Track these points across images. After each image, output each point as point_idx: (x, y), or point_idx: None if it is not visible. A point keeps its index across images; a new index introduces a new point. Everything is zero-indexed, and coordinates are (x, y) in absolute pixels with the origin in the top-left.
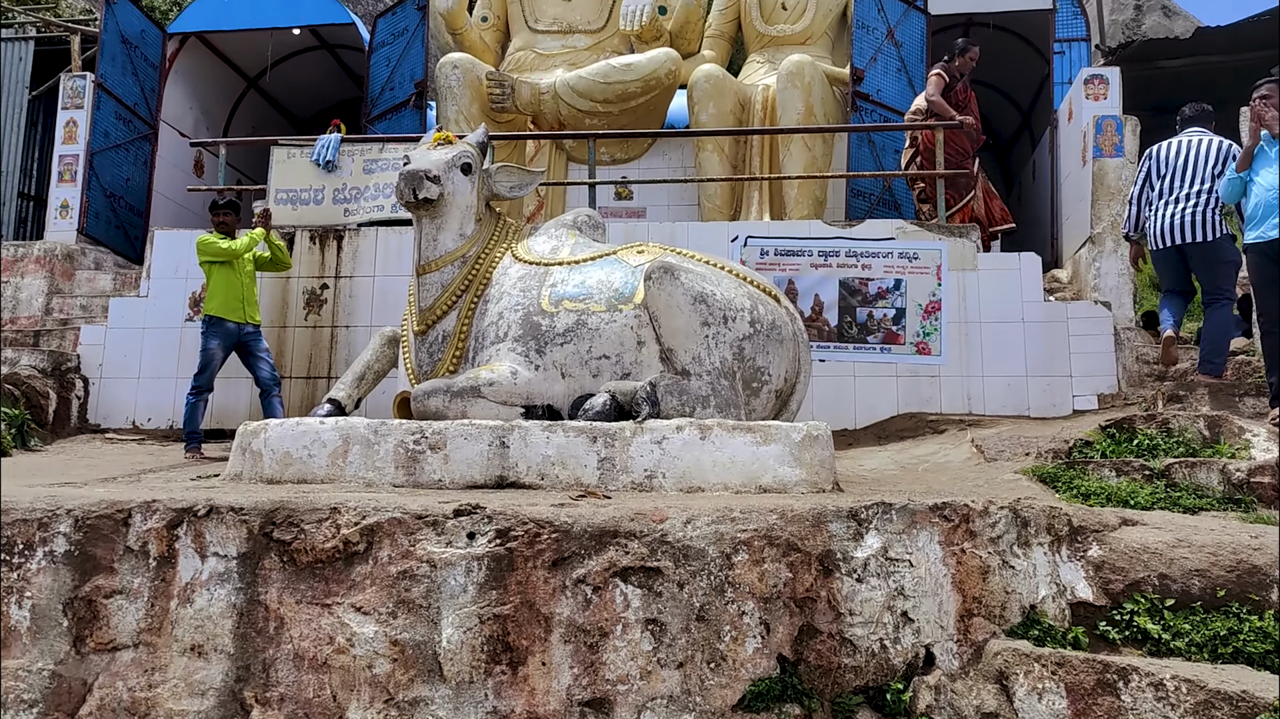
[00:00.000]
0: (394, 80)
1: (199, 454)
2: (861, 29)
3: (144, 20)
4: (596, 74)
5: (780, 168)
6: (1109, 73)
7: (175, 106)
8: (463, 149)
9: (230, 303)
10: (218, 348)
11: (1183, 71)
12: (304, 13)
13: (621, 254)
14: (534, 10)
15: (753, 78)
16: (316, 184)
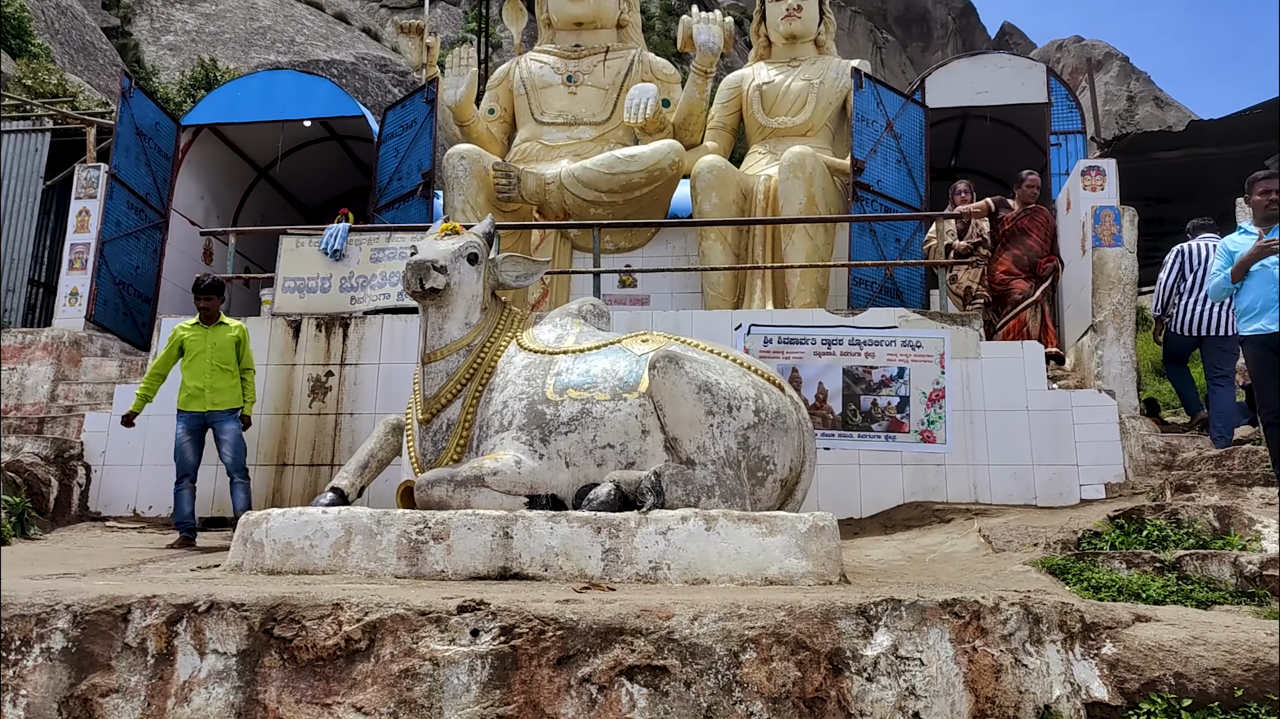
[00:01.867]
0: (402, 170)
1: (189, 544)
2: (861, 122)
3: (159, 113)
4: (601, 165)
5: (783, 256)
6: (1105, 164)
7: (186, 195)
8: (469, 239)
9: (190, 394)
10: (183, 435)
11: (1178, 163)
12: (315, 105)
13: (626, 343)
14: (540, 103)
15: (755, 168)
16: (324, 272)
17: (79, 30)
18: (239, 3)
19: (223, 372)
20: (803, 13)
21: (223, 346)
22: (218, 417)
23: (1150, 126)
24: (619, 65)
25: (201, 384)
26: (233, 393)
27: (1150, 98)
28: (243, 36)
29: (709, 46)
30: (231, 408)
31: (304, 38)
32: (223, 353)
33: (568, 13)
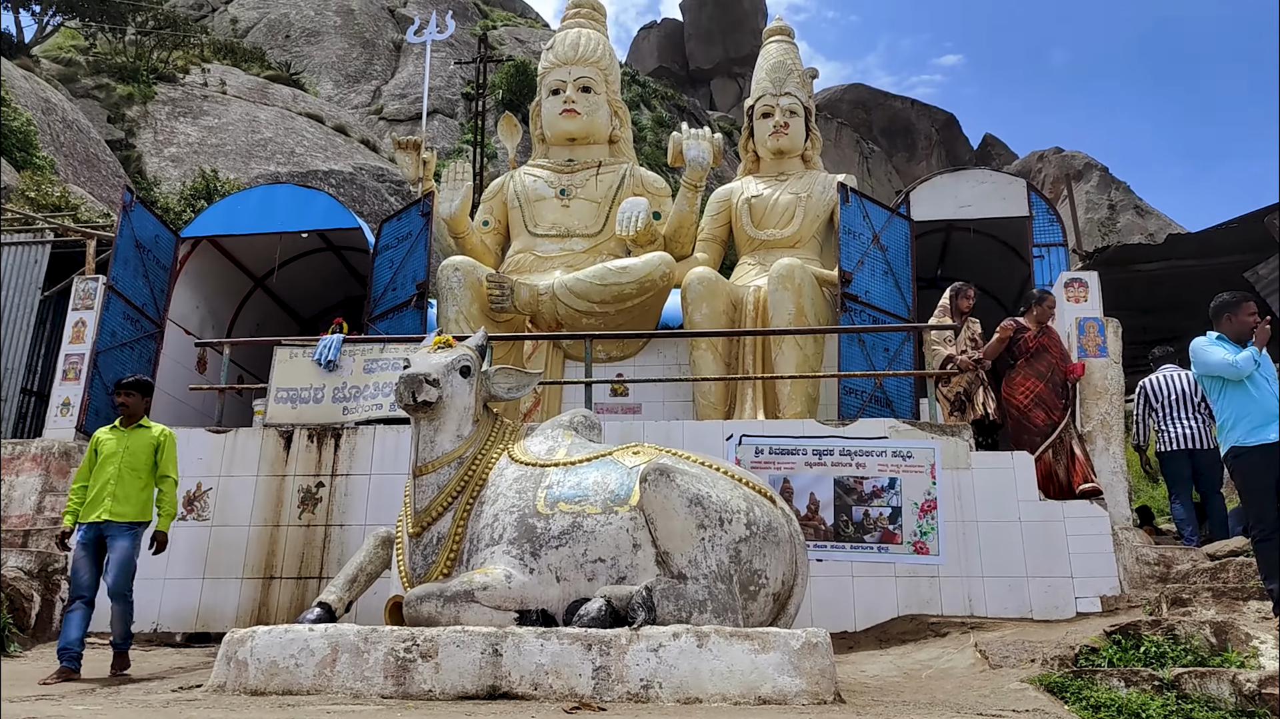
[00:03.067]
0: (397, 281)
1: (70, 677)
2: (848, 234)
3: (158, 225)
4: (593, 276)
5: (773, 366)
6: (1088, 276)
7: (182, 305)
8: (462, 352)
9: (90, 501)
10: (78, 549)
11: (1158, 274)
12: (313, 217)
13: (617, 455)
14: (534, 216)
15: (744, 279)
16: (317, 383)
17: (83, 143)
18: (242, 116)
19: (131, 478)
20: (790, 129)
21: (136, 451)
22: (113, 529)
23: (1132, 234)
24: (611, 179)
25: (105, 490)
26: (138, 504)
27: (1131, 206)
28: (244, 148)
29: (699, 162)
30: (134, 521)
31: (304, 149)
32: (135, 458)
33: (561, 129)
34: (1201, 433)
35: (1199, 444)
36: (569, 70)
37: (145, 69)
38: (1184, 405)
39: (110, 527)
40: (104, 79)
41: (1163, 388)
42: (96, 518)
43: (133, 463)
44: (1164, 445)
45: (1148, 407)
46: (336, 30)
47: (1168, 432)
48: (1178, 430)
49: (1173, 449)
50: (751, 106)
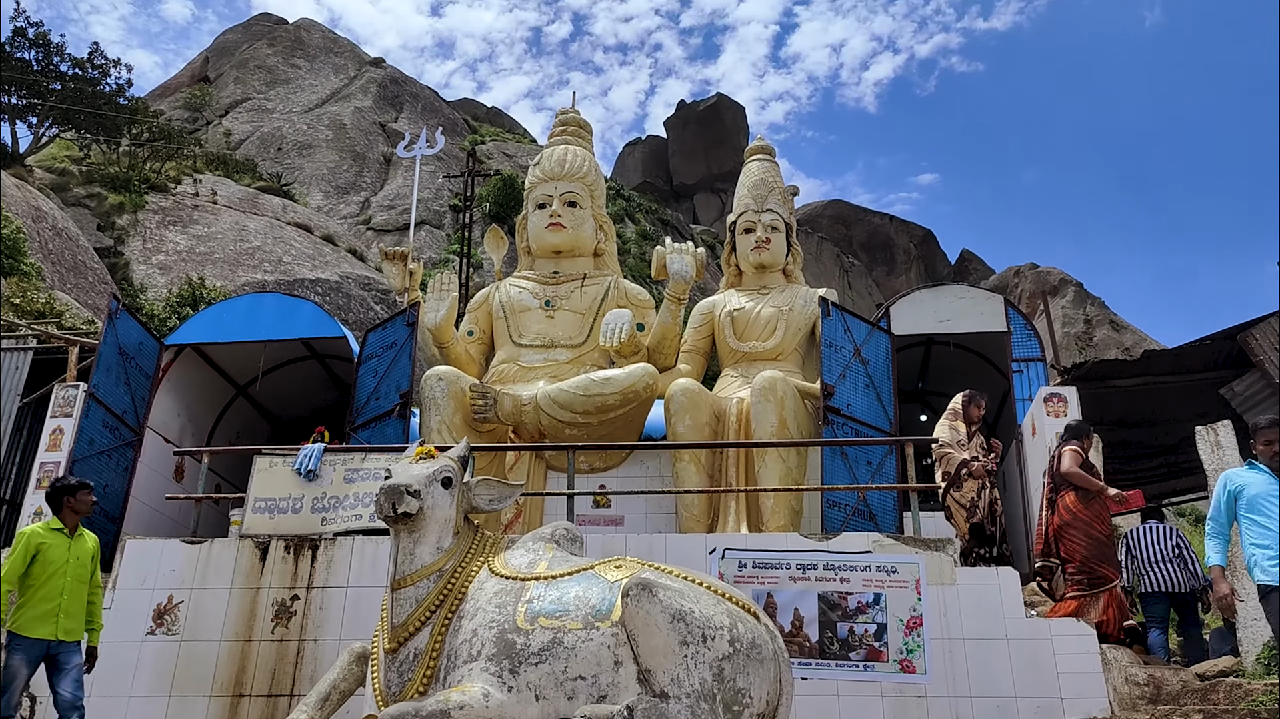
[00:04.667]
0: (380, 390)
1: None
2: (830, 348)
3: (143, 333)
4: (577, 387)
5: (756, 478)
6: (1067, 392)
7: (163, 413)
8: (444, 463)
9: (40, 615)
10: (20, 664)
11: (1136, 389)
12: (298, 326)
13: (599, 569)
14: (518, 326)
15: (727, 391)
16: (296, 492)
17: (72, 250)
18: (231, 225)
19: (79, 591)
20: (771, 245)
21: (84, 561)
22: (67, 647)
23: (1108, 348)
24: (595, 291)
25: (55, 605)
26: (83, 618)
27: (1106, 321)
28: (232, 256)
29: (682, 275)
30: (77, 639)
31: (291, 258)
32: (82, 569)
33: (547, 242)
34: (1177, 578)
35: (1176, 588)
36: (555, 185)
37: (138, 179)
38: (1164, 558)
39: (64, 646)
40: (96, 188)
41: (1143, 542)
42: (49, 635)
43: (80, 574)
44: (1145, 588)
45: (1129, 555)
46: (328, 144)
47: (1148, 577)
48: (1156, 576)
49: (1152, 591)
50: (734, 222)
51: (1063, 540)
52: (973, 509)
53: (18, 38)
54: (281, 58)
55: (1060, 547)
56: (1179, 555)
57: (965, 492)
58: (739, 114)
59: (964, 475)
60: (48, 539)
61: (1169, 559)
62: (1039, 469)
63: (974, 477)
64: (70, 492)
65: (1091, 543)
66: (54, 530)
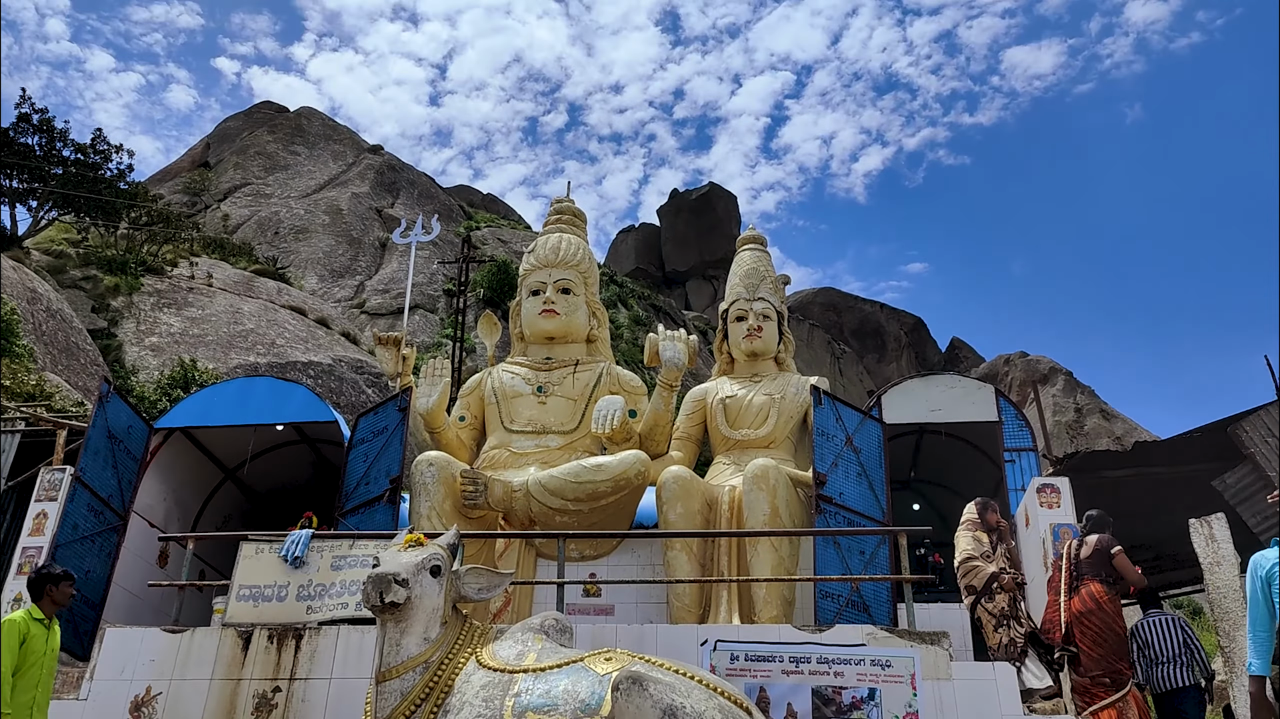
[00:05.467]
0: (370, 476)
1: None
2: (821, 436)
3: (133, 416)
4: (568, 474)
5: (748, 567)
6: (1059, 482)
7: (149, 497)
8: (433, 551)
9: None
10: None
11: (1129, 480)
12: (290, 410)
13: (589, 661)
14: (510, 412)
15: (719, 478)
16: (281, 580)
17: (65, 332)
18: (226, 307)
19: (49, 683)
20: (763, 333)
21: (55, 653)
22: None
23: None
24: (588, 377)
25: (31, 698)
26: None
27: (1097, 410)
28: (225, 339)
29: (674, 362)
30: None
31: (284, 340)
32: (54, 661)
33: (540, 328)
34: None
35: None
36: (549, 272)
37: (134, 262)
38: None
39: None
40: (92, 270)
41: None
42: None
43: (52, 667)
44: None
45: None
46: (324, 228)
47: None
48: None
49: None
50: (726, 310)
51: (1082, 628)
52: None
53: (22, 123)
54: (281, 144)
55: (1076, 632)
56: (1187, 647)
57: (997, 603)
58: (731, 202)
59: (995, 589)
60: (34, 630)
61: (1178, 655)
62: (1034, 559)
63: (1005, 589)
64: (54, 581)
65: (1114, 637)
66: (36, 619)
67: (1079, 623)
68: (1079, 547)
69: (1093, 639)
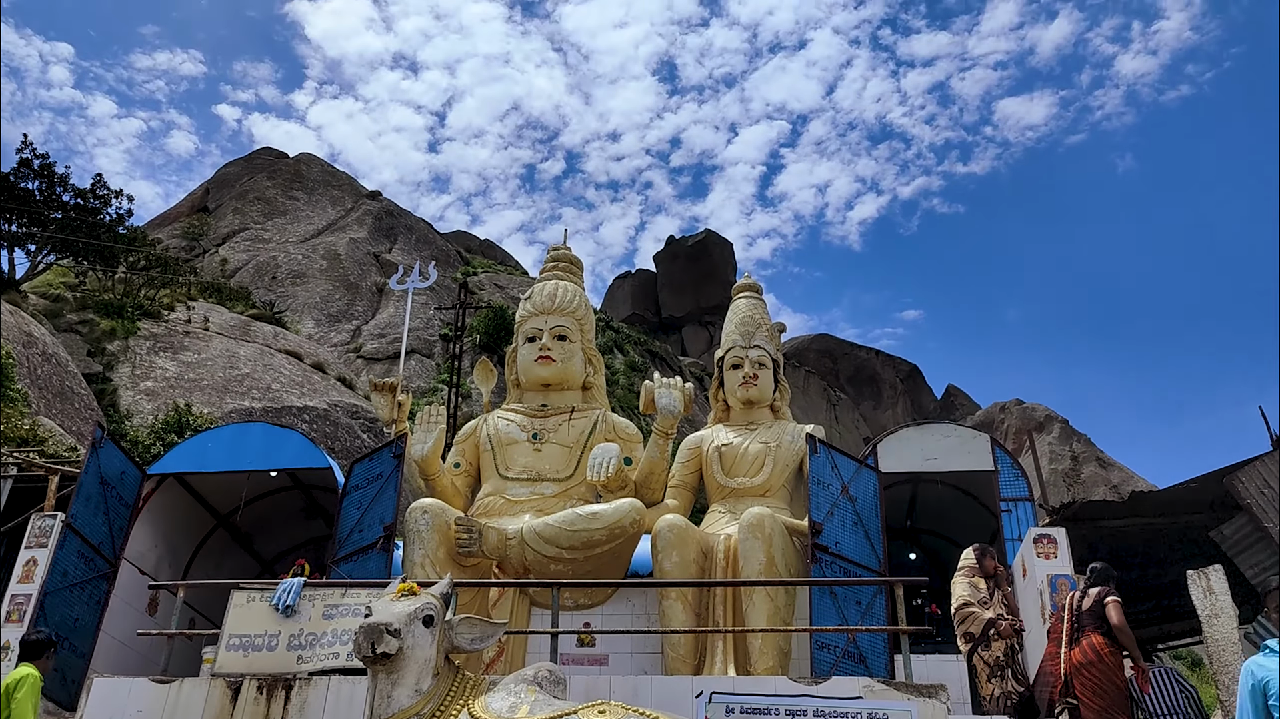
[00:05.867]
0: (364, 523)
1: None
2: (817, 484)
3: (125, 462)
4: (563, 521)
5: (744, 618)
6: (1056, 533)
7: (140, 544)
8: (426, 601)
9: None
10: None
11: (1125, 530)
12: (284, 456)
13: (582, 714)
14: (505, 459)
15: (714, 527)
16: (272, 629)
17: (59, 376)
18: (222, 352)
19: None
20: (759, 381)
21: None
22: None
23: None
24: (583, 424)
25: None
26: None
27: (1093, 458)
28: (220, 383)
29: (670, 410)
30: None
31: (280, 385)
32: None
33: (536, 375)
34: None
35: None
36: (545, 319)
37: (131, 306)
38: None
39: None
40: (89, 314)
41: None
42: None
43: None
44: None
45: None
46: (322, 273)
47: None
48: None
49: None
50: (722, 358)
51: (1082, 680)
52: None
53: (23, 168)
54: (280, 190)
55: (1076, 684)
56: (1188, 698)
57: (993, 651)
58: (727, 249)
59: (992, 635)
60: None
61: (1175, 709)
62: (1031, 610)
63: (1002, 637)
64: (53, 647)
65: (1114, 690)
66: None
67: (1079, 674)
68: (1081, 598)
69: (1093, 691)
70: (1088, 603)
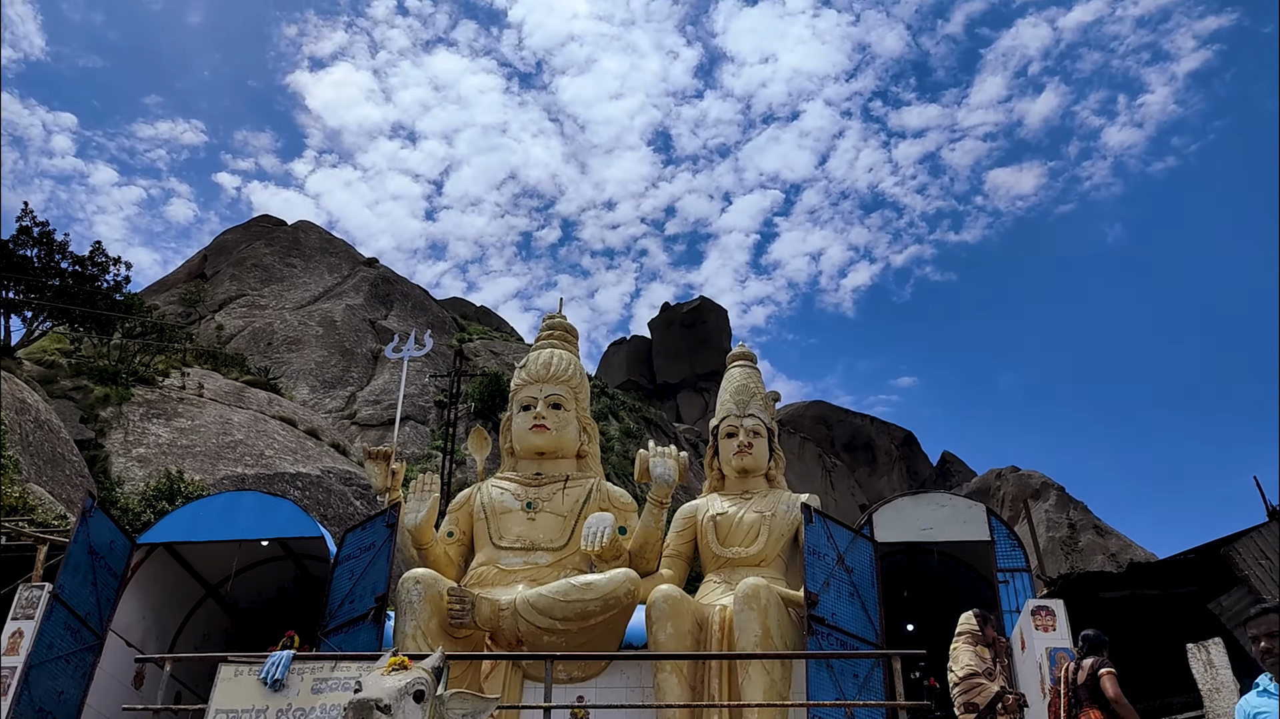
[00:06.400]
0: (355, 593)
1: None
2: (813, 555)
3: (115, 531)
4: (556, 592)
5: (739, 691)
6: (1054, 605)
7: (128, 615)
8: (417, 675)
9: None
10: None
11: (1121, 601)
12: (276, 526)
13: None
14: (499, 528)
15: (710, 597)
16: (260, 703)
17: (52, 443)
18: (215, 418)
19: None
20: (753, 450)
21: None
22: None
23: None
24: (578, 493)
25: None
26: None
27: (1090, 526)
28: (214, 450)
29: (665, 479)
30: None
31: (273, 451)
32: None
33: (531, 443)
34: None
35: None
36: (540, 388)
37: (126, 372)
38: None
39: None
40: (83, 381)
41: None
42: None
43: None
44: None
45: None
46: (318, 339)
47: None
48: None
49: None
50: (716, 426)
51: None
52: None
53: (22, 235)
54: (278, 257)
55: None
56: None
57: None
58: (722, 316)
59: (999, 709)
60: None
61: None
62: (1031, 684)
63: (1008, 711)
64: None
65: None
66: None
67: None
68: (1075, 670)
69: None
70: (1082, 675)
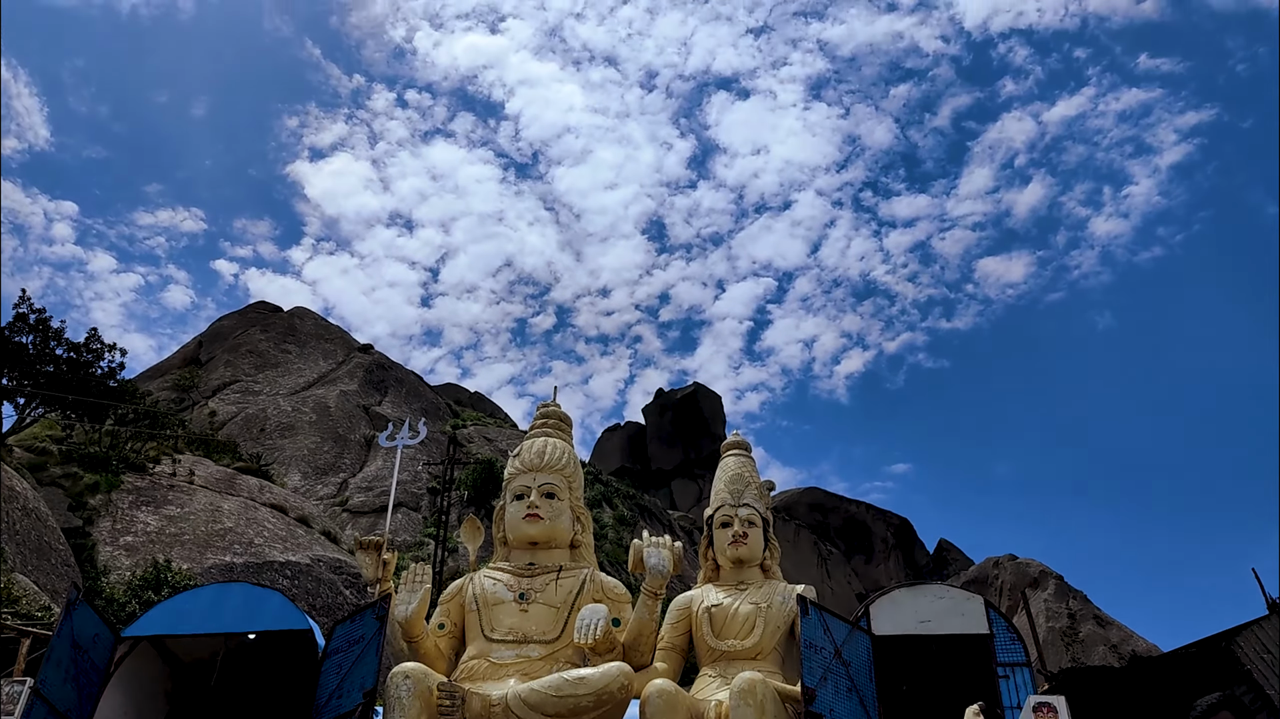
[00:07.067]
0: (343, 688)
1: None
2: (809, 648)
3: (100, 624)
4: (549, 687)
5: None
6: (1056, 701)
7: (110, 711)
8: None
9: None
10: None
11: (1125, 696)
12: (264, 618)
13: None
14: (491, 620)
15: (705, 692)
16: None
17: (38, 531)
18: (205, 505)
19: None
20: (748, 539)
21: None
22: None
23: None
24: (571, 584)
25: None
26: None
27: (1091, 616)
28: (202, 538)
29: (659, 570)
30: None
31: (263, 539)
32: None
33: (524, 533)
34: None
35: None
36: (534, 477)
37: (116, 458)
38: None
39: None
40: (73, 468)
41: None
42: None
43: None
44: None
45: None
46: (311, 425)
47: None
48: None
49: None
50: (711, 516)
51: None
52: None
53: (19, 323)
54: (273, 343)
55: None
56: None
57: None
58: (716, 402)
59: None
60: None
61: None
62: None
63: None
64: None
65: None
66: None
67: None
68: None
69: None
70: None
